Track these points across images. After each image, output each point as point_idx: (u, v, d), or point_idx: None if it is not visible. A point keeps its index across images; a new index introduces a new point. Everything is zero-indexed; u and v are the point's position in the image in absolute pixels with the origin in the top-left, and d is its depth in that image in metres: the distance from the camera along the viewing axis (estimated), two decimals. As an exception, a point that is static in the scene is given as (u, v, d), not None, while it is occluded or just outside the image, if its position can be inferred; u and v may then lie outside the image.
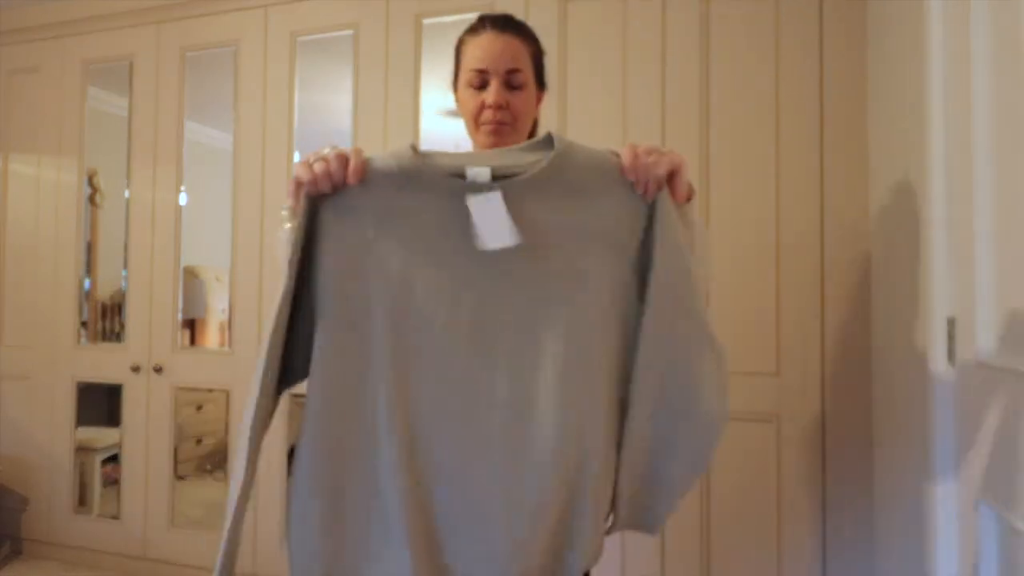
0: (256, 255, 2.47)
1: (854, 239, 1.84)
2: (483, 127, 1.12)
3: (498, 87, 1.10)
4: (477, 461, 0.87)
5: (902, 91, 1.54)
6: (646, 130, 2.02)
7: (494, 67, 1.10)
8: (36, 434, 2.77)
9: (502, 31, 1.12)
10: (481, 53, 1.11)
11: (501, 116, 1.10)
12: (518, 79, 1.11)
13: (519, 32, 1.14)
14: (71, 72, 2.78)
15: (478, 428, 0.88)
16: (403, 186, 0.88)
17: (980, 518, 1.10)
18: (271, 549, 2.40)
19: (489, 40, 1.11)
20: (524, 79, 1.12)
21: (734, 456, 1.93)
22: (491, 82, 1.10)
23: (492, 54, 1.10)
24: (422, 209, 0.89)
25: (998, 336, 1.06)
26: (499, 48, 1.10)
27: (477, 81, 1.11)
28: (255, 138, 2.49)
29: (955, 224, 1.22)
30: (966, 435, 1.19)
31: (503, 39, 1.11)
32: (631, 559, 2.00)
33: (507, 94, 1.11)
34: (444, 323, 0.88)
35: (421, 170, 0.89)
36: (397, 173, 0.88)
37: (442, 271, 0.88)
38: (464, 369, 0.88)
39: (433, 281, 0.89)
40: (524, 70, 1.12)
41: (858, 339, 1.83)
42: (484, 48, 1.11)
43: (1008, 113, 1.01)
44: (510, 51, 1.11)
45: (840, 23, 1.87)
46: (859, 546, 1.82)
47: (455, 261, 0.89)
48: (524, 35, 1.15)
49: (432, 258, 0.89)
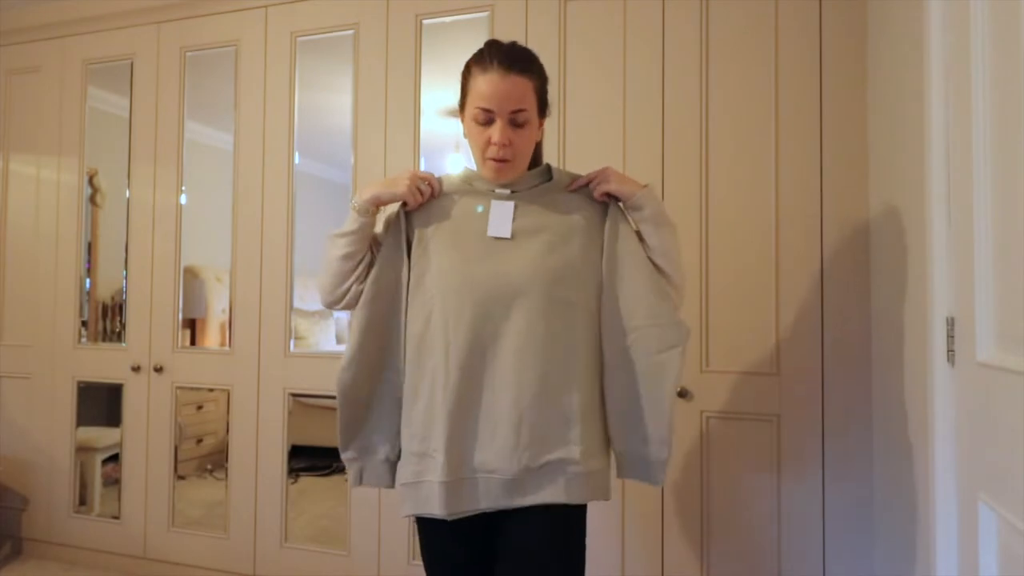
0: (256, 255, 2.47)
1: (854, 239, 1.84)
2: (488, 163, 1.22)
3: (503, 127, 1.18)
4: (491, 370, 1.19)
5: (902, 91, 1.54)
6: (646, 130, 2.02)
7: (500, 108, 1.18)
8: (36, 434, 2.77)
9: (508, 71, 1.17)
10: (488, 92, 1.18)
11: (504, 154, 1.20)
12: (522, 118, 1.19)
13: (524, 70, 1.20)
14: (71, 72, 2.78)
15: (491, 351, 1.19)
16: (455, 196, 1.30)
17: (980, 517, 1.10)
18: (271, 549, 2.41)
19: (496, 80, 1.17)
20: (527, 117, 1.20)
21: (734, 456, 1.93)
22: (496, 121, 1.19)
23: (498, 95, 1.17)
24: (463, 211, 1.29)
25: (998, 336, 1.06)
26: (505, 89, 1.17)
27: (483, 118, 1.19)
28: (255, 138, 2.49)
29: (955, 224, 1.22)
30: (966, 435, 1.19)
31: (509, 80, 1.17)
32: (631, 559, 2.00)
33: (511, 132, 1.19)
34: (476, 278, 1.21)
35: (469, 185, 1.31)
36: (457, 188, 1.30)
37: (467, 248, 1.24)
38: (483, 309, 1.21)
39: (462, 252, 1.24)
40: (528, 108, 1.20)
41: (858, 339, 1.83)
42: (491, 88, 1.18)
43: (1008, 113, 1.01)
44: (516, 92, 1.18)
45: (840, 23, 1.87)
46: (859, 545, 1.82)
47: (481, 241, 1.25)
48: (530, 72, 1.21)
49: (466, 239, 1.26)
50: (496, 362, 1.17)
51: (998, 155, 1.05)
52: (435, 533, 1.24)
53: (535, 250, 1.21)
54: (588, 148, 2.08)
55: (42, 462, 2.76)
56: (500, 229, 1.23)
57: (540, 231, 1.23)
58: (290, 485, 2.42)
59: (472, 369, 1.17)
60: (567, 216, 1.26)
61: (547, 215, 1.25)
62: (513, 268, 1.19)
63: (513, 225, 1.23)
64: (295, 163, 2.45)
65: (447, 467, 1.15)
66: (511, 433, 1.15)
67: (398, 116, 2.30)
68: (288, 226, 2.44)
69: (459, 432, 1.17)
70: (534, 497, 1.15)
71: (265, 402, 2.44)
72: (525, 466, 1.15)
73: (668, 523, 1.98)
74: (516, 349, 1.16)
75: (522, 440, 1.15)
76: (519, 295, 1.18)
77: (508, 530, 1.19)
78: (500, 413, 1.16)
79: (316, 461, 2.45)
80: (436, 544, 1.25)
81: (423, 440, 1.20)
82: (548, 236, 1.23)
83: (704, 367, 1.96)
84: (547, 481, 1.16)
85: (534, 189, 1.28)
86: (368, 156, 2.34)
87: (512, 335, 1.17)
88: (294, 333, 2.45)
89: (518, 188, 1.27)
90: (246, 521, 2.45)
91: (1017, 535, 0.97)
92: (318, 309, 2.73)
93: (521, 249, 1.21)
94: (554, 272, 1.20)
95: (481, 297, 1.18)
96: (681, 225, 1.97)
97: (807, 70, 1.90)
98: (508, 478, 1.15)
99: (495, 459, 1.16)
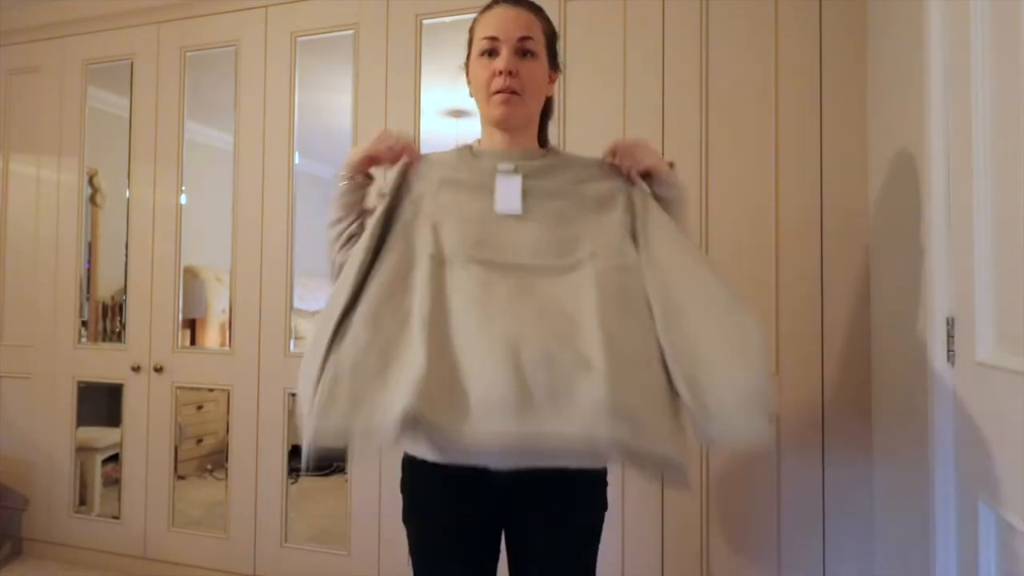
0: (256, 255, 2.47)
1: (854, 238, 1.85)
2: (494, 97, 1.12)
3: (509, 54, 1.11)
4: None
5: (902, 90, 1.54)
6: (646, 129, 2.02)
7: (505, 34, 1.12)
8: (36, 434, 2.77)
9: (515, 4, 1.14)
10: (493, 22, 1.13)
11: (511, 83, 1.11)
12: (530, 46, 1.12)
13: (532, 8, 1.16)
14: (71, 72, 2.78)
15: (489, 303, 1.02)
16: (459, 168, 1.16)
17: (980, 518, 1.10)
18: (271, 549, 2.41)
19: (502, 10, 1.14)
20: (535, 47, 1.13)
21: (734, 456, 1.93)
22: (502, 49, 1.12)
23: (504, 22, 1.12)
24: (469, 180, 1.14)
25: (998, 336, 1.06)
26: (511, 17, 1.13)
27: (488, 48, 1.12)
28: (255, 138, 2.49)
29: (955, 224, 1.23)
30: (966, 435, 1.19)
31: (515, 10, 1.14)
32: (631, 559, 2.00)
33: (518, 61, 1.12)
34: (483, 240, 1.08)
35: (473, 159, 1.17)
36: (456, 159, 1.17)
37: (472, 209, 1.12)
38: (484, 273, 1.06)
39: (466, 214, 1.11)
40: (535, 39, 1.13)
41: (858, 339, 1.83)
42: (496, 17, 1.14)
43: (1008, 112, 1.01)
44: (522, 20, 1.13)
45: (840, 23, 1.87)
46: (859, 546, 1.82)
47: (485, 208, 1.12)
48: (537, 11, 1.17)
49: (470, 204, 1.12)
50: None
51: (998, 155, 1.05)
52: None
53: (548, 226, 1.10)
54: (588, 148, 2.08)
55: (42, 462, 2.76)
56: (509, 204, 1.10)
57: (554, 202, 1.11)
58: (290, 485, 2.42)
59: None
60: (581, 187, 1.14)
61: (559, 187, 1.13)
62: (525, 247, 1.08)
63: (523, 200, 1.11)
64: (295, 163, 2.45)
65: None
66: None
67: (398, 116, 2.30)
68: (288, 226, 2.44)
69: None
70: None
71: (265, 402, 2.44)
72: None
73: (668, 523, 1.98)
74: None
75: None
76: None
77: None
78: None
79: (316, 461, 2.44)
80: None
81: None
82: (561, 208, 1.11)
83: (704, 367, 1.96)
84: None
85: (543, 159, 1.16)
86: (368, 156, 2.34)
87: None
88: (294, 333, 2.45)
89: (523, 160, 1.15)
90: (246, 521, 2.45)
91: (1017, 535, 0.97)
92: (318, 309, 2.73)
93: (533, 225, 1.09)
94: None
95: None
96: (681, 225, 1.98)
97: (807, 70, 1.90)
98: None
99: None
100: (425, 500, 1.17)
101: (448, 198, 1.12)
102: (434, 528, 1.17)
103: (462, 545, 1.16)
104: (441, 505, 1.15)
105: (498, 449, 0.89)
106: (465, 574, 1.16)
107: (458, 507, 1.14)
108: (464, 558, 1.16)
